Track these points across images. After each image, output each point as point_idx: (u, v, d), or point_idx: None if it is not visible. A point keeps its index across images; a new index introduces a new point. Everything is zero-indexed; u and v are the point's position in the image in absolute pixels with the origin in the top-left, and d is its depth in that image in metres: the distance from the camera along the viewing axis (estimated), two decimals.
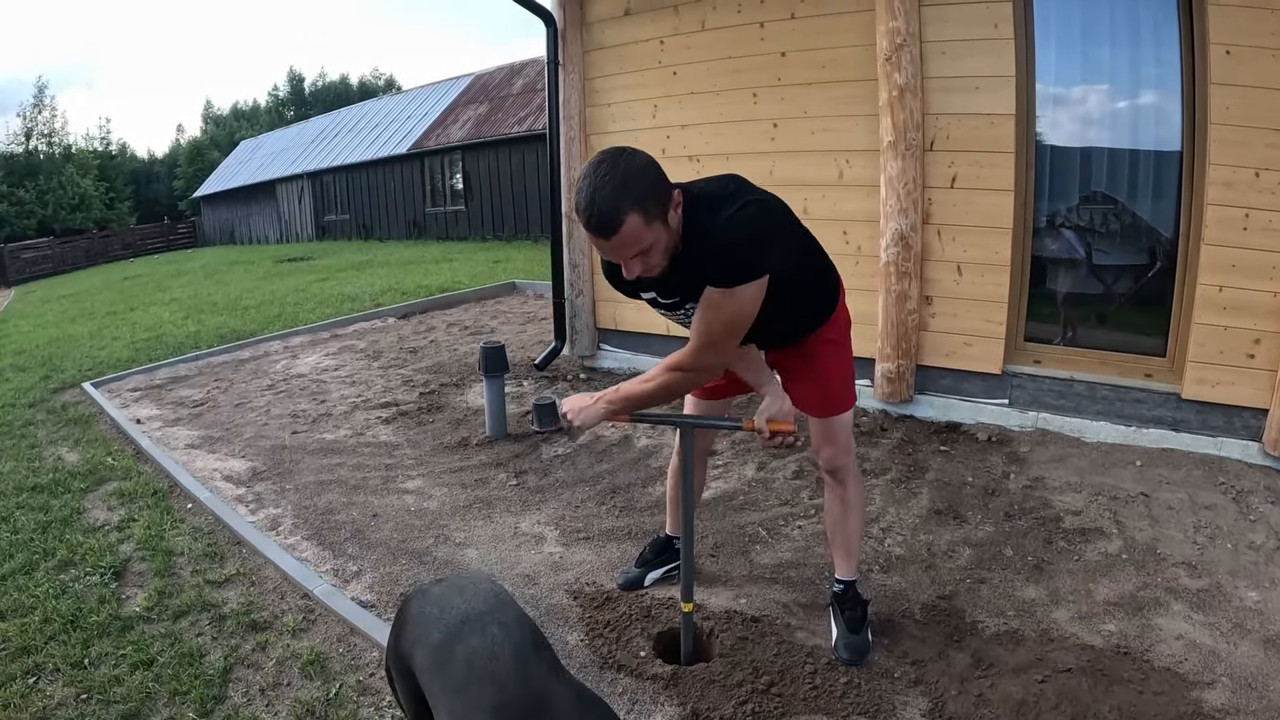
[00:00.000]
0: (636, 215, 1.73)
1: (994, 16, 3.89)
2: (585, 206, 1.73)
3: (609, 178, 1.71)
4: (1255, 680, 2.30)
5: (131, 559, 3.15)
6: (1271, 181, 3.61)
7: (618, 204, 1.70)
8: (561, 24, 5.22)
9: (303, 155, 27.36)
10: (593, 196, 1.71)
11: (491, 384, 4.27)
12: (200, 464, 4.14)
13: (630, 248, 1.77)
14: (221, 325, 8.48)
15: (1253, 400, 3.86)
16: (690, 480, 2.22)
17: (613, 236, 1.74)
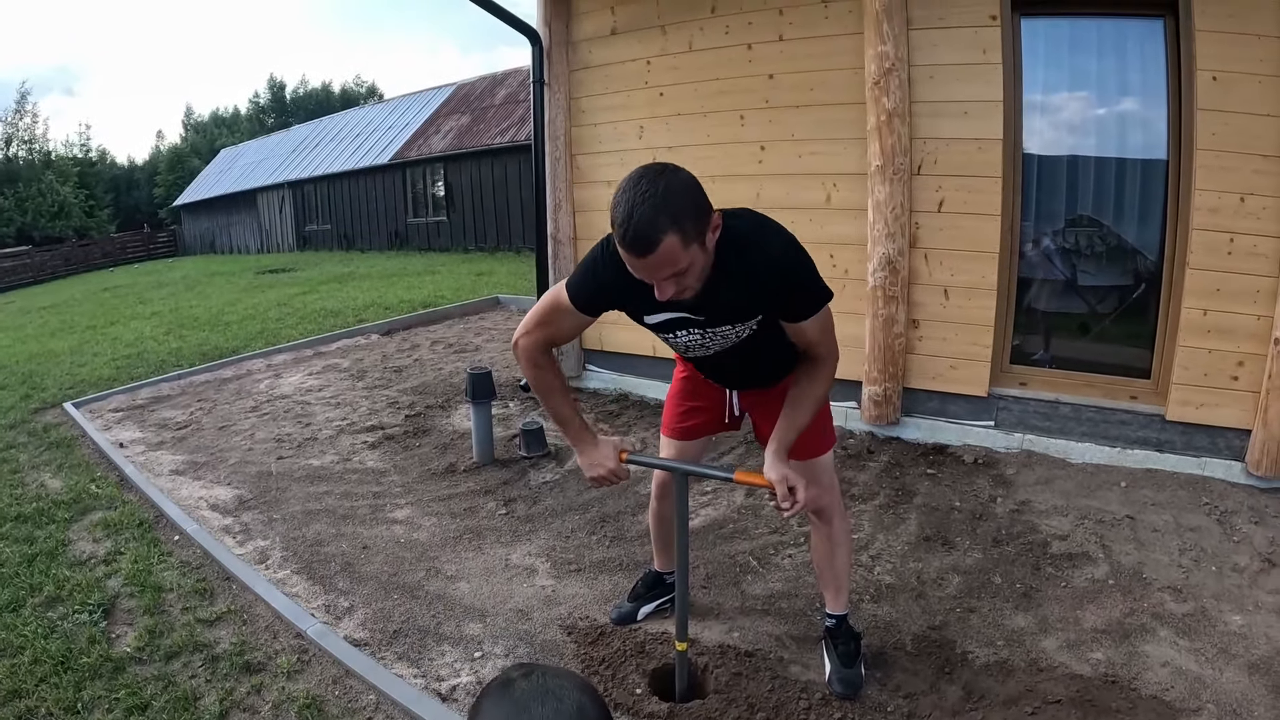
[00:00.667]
0: (674, 235, 1.66)
1: (982, 42, 3.93)
2: (621, 222, 1.65)
3: (649, 195, 1.64)
4: (1240, 706, 2.34)
5: (120, 595, 3.10)
6: (1256, 207, 3.66)
7: (656, 222, 1.64)
8: (547, 43, 5.20)
9: (284, 164, 27.21)
10: (630, 212, 1.64)
11: (479, 410, 4.25)
12: (185, 492, 4.10)
13: (665, 269, 1.70)
14: (203, 342, 8.41)
15: (1236, 421, 3.92)
16: (685, 527, 2.19)
17: (648, 255, 1.67)
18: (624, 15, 4.91)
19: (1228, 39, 3.59)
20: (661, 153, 4.89)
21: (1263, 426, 3.81)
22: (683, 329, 2.02)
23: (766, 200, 4.55)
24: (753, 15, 4.44)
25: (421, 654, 2.67)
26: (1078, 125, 4.22)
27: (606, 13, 4.98)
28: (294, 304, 11.06)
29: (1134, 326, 4.30)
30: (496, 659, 2.61)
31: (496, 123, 19.92)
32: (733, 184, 4.64)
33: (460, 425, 4.97)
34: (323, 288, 12.95)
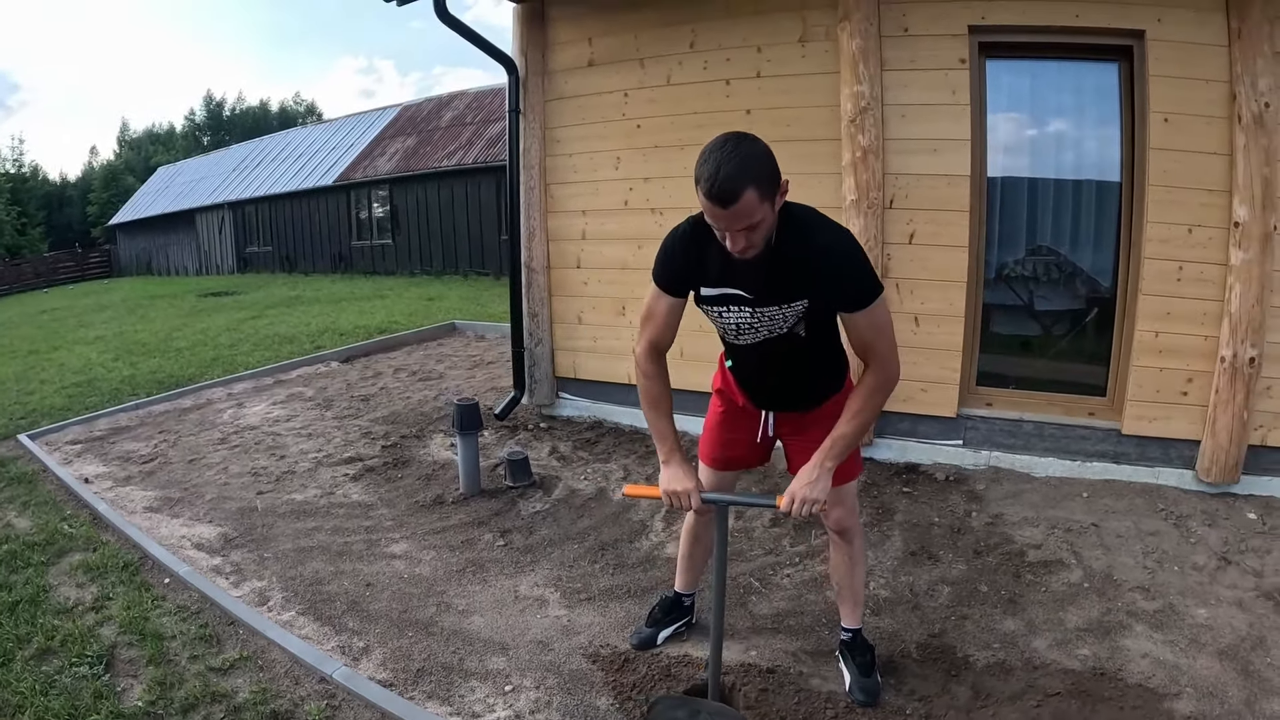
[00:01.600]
0: (753, 190, 1.85)
1: (952, 83, 4.16)
2: (709, 176, 1.84)
3: (733, 153, 1.85)
4: (1215, 689, 2.60)
5: (117, 645, 2.99)
6: (1203, 237, 3.97)
7: (740, 176, 1.83)
8: (523, 72, 5.23)
9: (223, 184, 26.56)
10: (718, 167, 1.83)
11: (466, 441, 4.25)
12: (166, 531, 4.01)
13: (743, 219, 1.89)
14: (157, 369, 8.18)
15: (1187, 433, 4.21)
16: (724, 560, 2.28)
17: (731, 206, 1.86)
18: (602, 47, 5.00)
19: (1179, 83, 3.90)
20: (638, 184, 5.00)
21: (1211, 437, 4.10)
22: (734, 305, 2.18)
23: None
24: (731, 52, 4.58)
25: (450, 691, 2.67)
26: (1038, 161, 4.49)
27: (584, 44, 5.06)
28: (244, 329, 10.82)
29: (1091, 348, 4.57)
30: (528, 692, 2.64)
31: (443, 145, 19.84)
32: None
33: (439, 455, 4.97)
34: (270, 312, 12.69)
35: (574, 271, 5.38)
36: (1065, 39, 4.10)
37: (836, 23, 4.25)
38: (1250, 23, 3.77)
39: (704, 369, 5.07)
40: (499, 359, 8.05)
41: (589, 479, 4.51)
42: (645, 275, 4.89)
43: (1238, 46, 3.80)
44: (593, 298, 5.34)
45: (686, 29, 4.69)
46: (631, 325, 5.17)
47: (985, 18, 4.10)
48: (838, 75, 4.30)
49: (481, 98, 20.99)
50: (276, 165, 25.09)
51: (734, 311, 2.19)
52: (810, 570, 3.43)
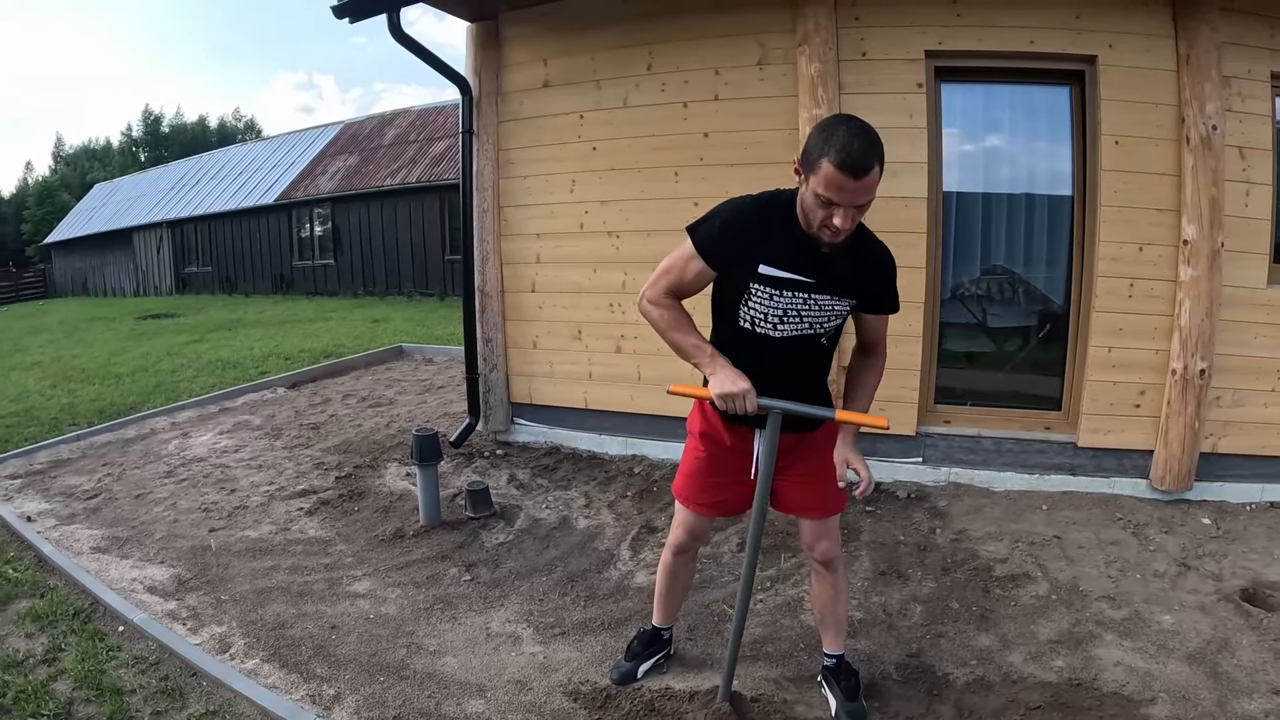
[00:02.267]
0: (878, 168, 1.94)
1: (910, 107, 4.22)
2: (843, 146, 1.88)
3: (861, 129, 1.92)
4: (1187, 692, 2.67)
5: (74, 701, 2.80)
6: (1153, 255, 4.10)
7: (872, 149, 1.91)
8: (477, 92, 5.14)
9: (162, 202, 25.78)
10: (851, 139, 1.89)
11: (426, 472, 4.14)
12: (115, 573, 3.81)
13: (865, 194, 1.95)
14: (97, 397, 7.83)
15: (1140, 444, 4.34)
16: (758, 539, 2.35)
17: (863, 178, 1.90)
18: (557, 69, 4.95)
19: (1130, 107, 4.05)
20: (594, 206, 4.95)
21: (1164, 446, 4.23)
22: (789, 290, 2.17)
23: None
24: (689, 74, 4.58)
25: None
26: (992, 182, 4.58)
27: (539, 65, 5.00)
28: (185, 353, 10.46)
29: (1046, 364, 4.67)
30: None
31: (386, 164, 19.59)
32: (667, 239, 4.58)
33: (395, 485, 4.84)
34: (212, 335, 12.31)
35: (529, 295, 5.29)
36: (1020, 64, 4.21)
37: (795, 46, 4.29)
38: (1199, 49, 3.92)
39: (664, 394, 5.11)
40: (449, 383, 7.91)
41: (551, 507, 4.43)
42: (601, 299, 5.06)
43: (1186, 72, 3.95)
44: (548, 322, 5.26)
45: (644, 51, 4.67)
46: (588, 349, 5.14)
47: (943, 43, 4.18)
48: (796, 99, 4.32)
49: (425, 115, 20.80)
50: (216, 183, 24.47)
51: (787, 296, 2.18)
52: (782, 594, 3.42)
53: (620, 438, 5.20)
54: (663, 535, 4.00)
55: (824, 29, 4.18)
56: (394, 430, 6.05)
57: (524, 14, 4.99)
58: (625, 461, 5.08)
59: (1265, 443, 4.29)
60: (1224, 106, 3.95)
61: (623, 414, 5.15)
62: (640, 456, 5.11)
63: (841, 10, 4.23)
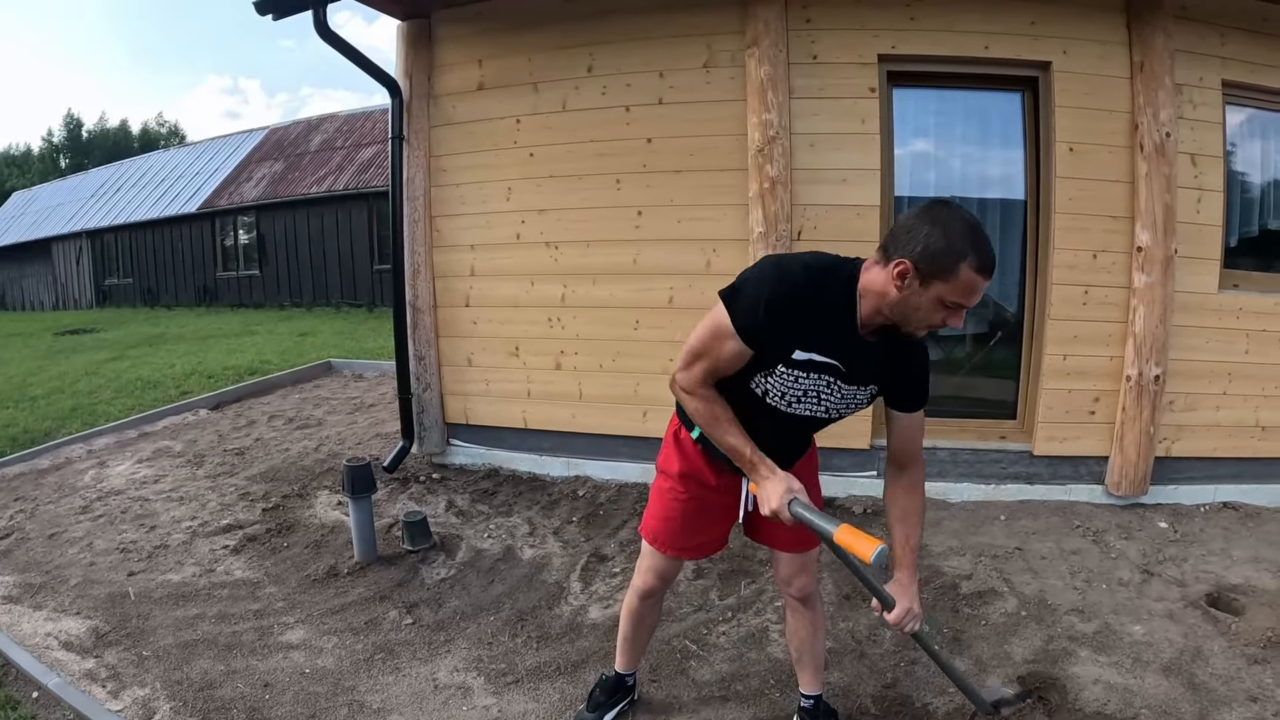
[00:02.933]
0: None
1: (861, 113, 4.11)
2: (986, 251, 1.72)
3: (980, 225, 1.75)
4: (1168, 707, 2.63)
5: None
6: (1107, 262, 4.07)
7: None
8: (408, 95, 4.84)
9: (81, 211, 24.36)
10: (982, 236, 1.72)
11: (359, 505, 3.84)
12: (28, 627, 3.40)
13: (979, 294, 1.77)
14: (10, 422, 7.20)
15: (1095, 450, 4.33)
16: None
17: (990, 278, 1.75)
18: (493, 70, 4.70)
19: (1084, 114, 4.02)
20: (531, 215, 4.72)
21: (1119, 452, 4.22)
22: (817, 373, 1.93)
23: (644, 265, 4.50)
24: (631, 77, 4.39)
25: None
26: (944, 190, 4.49)
27: (473, 66, 4.73)
28: (105, 372, 9.81)
29: (1000, 373, 4.62)
30: None
31: (312, 170, 18.95)
32: (609, 249, 4.56)
33: (327, 516, 4.53)
34: (133, 352, 11.62)
35: (463, 310, 5.01)
36: (973, 69, 4.15)
37: (744, 49, 4.14)
38: (1153, 56, 3.92)
39: (609, 410, 5.00)
40: (380, 400, 7.58)
41: (494, 536, 4.18)
42: (539, 313, 4.81)
43: (1140, 79, 3.95)
44: (483, 338, 4.99)
45: (584, 52, 4.46)
46: (526, 366, 4.90)
47: (896, 47, 4.09)
48: (744, 103, 4.18)
49: (352, 121, 20.22)
50: (138, 191, 23.28)
51: (813, 379, 1.93)
52: (745, 625, 3.25)
53: (562, 458, 4.98)
54: (613, 564, 3.82)
55: (774, 31, 4.04)
56: (324, 454, 5.71)
57: (458, 12, 4.72)
58: (568, 483, 4.86)
59: (1217, 445, 4.33)
60: (1177, 114, 3.97)
61: (564, 433, 4.93)
62: (584, 477, 4.90)
63: (792, 12, 4.10)
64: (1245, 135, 4.40)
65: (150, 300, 21.70)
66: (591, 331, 4.69)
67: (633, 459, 4.74)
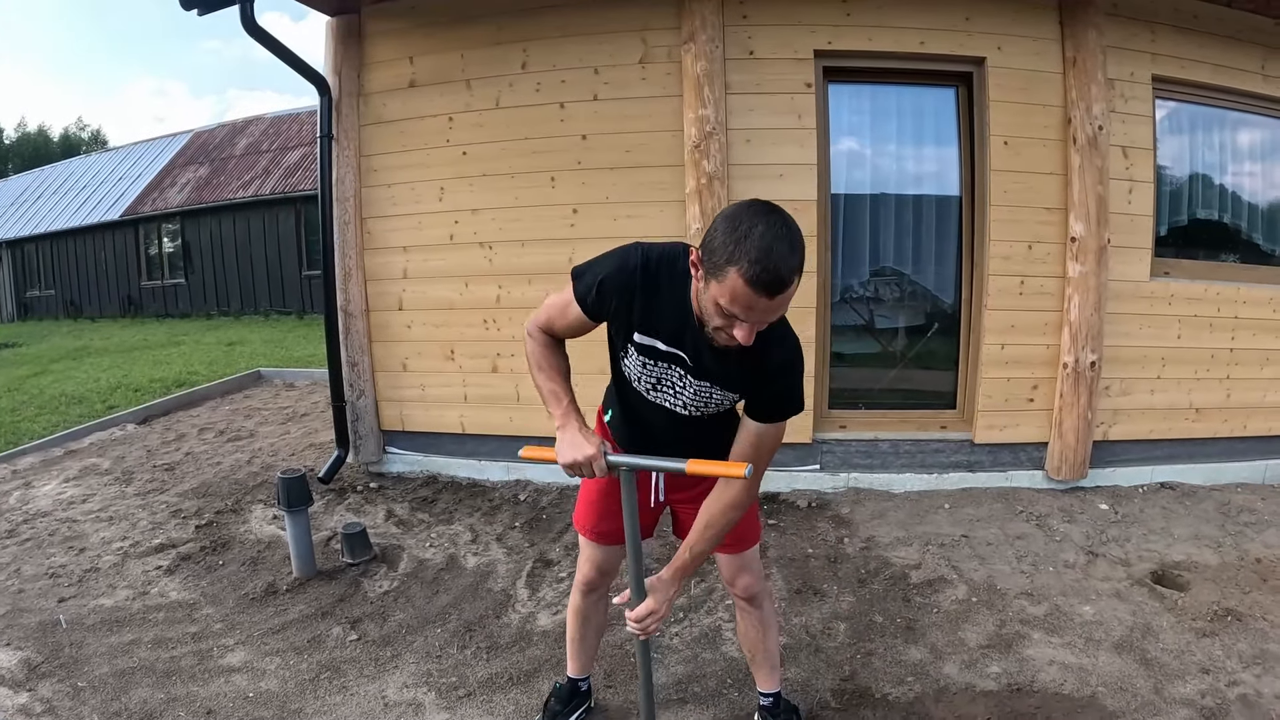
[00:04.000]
0: (797, 280, 1.56)
1: (798, 108, 4.11)
2: (760, 258, 1.50)
3: (784, 233, 1.53)
4: (1124, 683, 2.70)
5: None
6: (1042, 253, 4.16)
7: (791, 263, 1.53)
8: (337, 93, 4.67)
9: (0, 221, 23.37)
10: (770, 247, 1.50)
11: (295, 519, 3.68)
12: None
13: (775, 312, 1.59)
14: None
15: (1035, 436, 4.41)
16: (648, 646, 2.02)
17: (777, 297, 1.54)
18: (424, 67, 4.56)
19: (1018, 108, 4.11)
20: (464, 215, 4.61)
21: (1058, 438, 4.31)
22: (665, 362, 1.87)
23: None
24: (566, 73, 4.31)
25: None
26: (880, 184, 4.53)
27: (404, 63, 4.59)
28: (27, 388, 9.35)
29: (939, 364, 4.68)
30: None
31: (238, 174, 18.38)
32: (543, 248, 4.48)
33: (262, 532, 4.35)
34: (55, 367, 11.11)
35: (396, 314, 4.88)
36: (909, 64, 4.19)
37: (680, 44, 4.11)
38: (1085, 52, 4.01)
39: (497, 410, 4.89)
40: (313, 410, 7.38)
41: (436, 546, 4.07)
42: (475, 316, 4.71)
43: (1073, 74, 4.04)
44: (417, 342, 4.87)
45: (518, 48, 4.37)
46: (462, 370, 4.80)
47: (832, 43, 4.10)
48: (680, 99, 4.15)
49: (279, 123, 19.67)
50: (59, 198, 22.25)
51: (661, 367, 1.89)
52: (697, 625, 3.21)
53: (502, 462, 4.89)
54: (559, 569, 3.75)
55: (710, 26, 4.02)
56: (257, 467, 5.51)
57: (389, 7, 4.59)
58: (509, 488, 4.77)
59: (1152, 427, 4.46)
60: (1109, 108, 4.08)
61: (503, 437, 4.84)
62: (525, 481, 4.82)
63: (729, 7, 4.09)
64: (1175, 128, 4.54)
65: (73, 312, 20.84)
66: None
67: None
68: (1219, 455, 4.60)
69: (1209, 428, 4.55)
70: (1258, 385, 4.58)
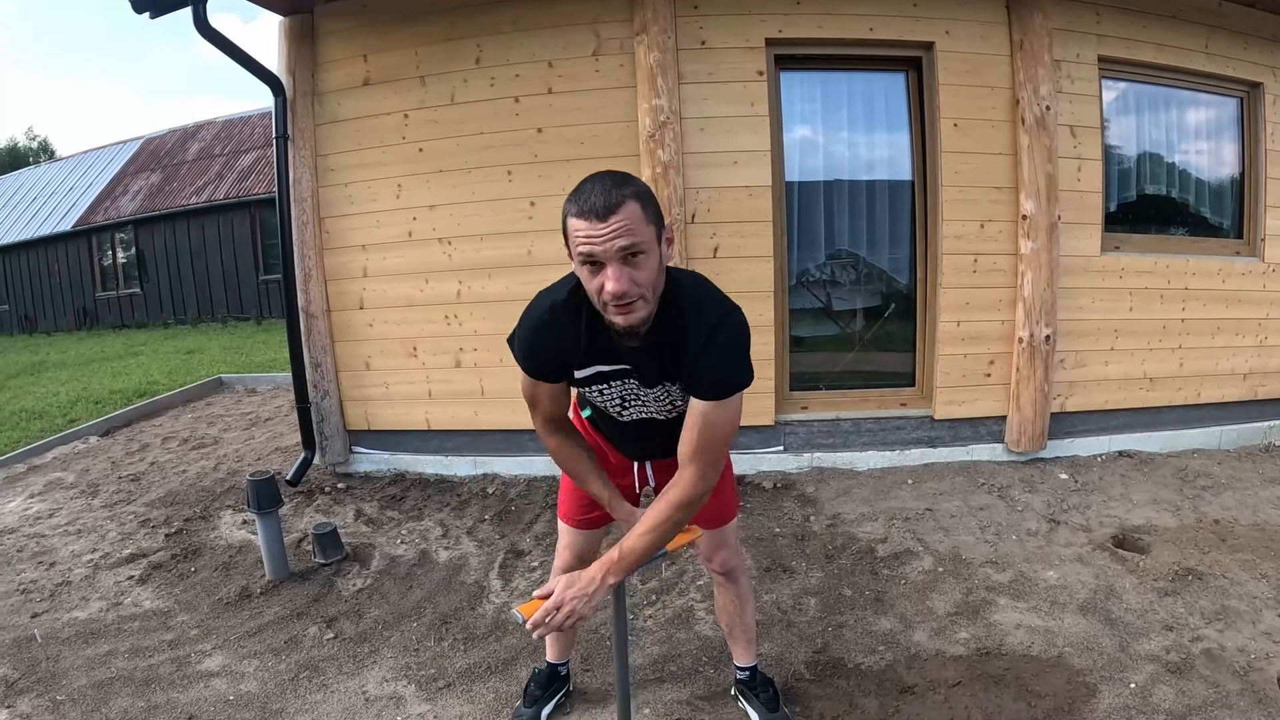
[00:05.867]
0: (635, 203, 1.57)
1: (751, 96, 4.16)
2: (585, 192, 1.57)
3: (612, 174, 1.61)
4: (1090, 643, 2.79)
5: None
6: (994, 231, 4.26)
7: (620, 188, 1.57)
8: (291, 93, 4.63)
9: None
10: (592, 184, 1.58)
11: (266, 521, 3.66)
12: None
13: (625, 236, 1.55)
14: None
15: (993, 410, 4.52)
16: (624, 630, 2.05)
17: (610, 217, 1.54)
18: (378, 65, 4.55)
19: (967, 91, 4.20)
20: (422, 212, 4.61)
21: (1016, 410, 4.42)
22: (617, 380, 1.88)
23: (539, 257, 4.45)
24: (520, 68, 4.33)
25: None
26: (834, 168, 4.60)
27: (358, 61, 4.57)
28: None
29: (897, 343, 4.77)
30: None
31: (191, 180, 18.03)
32: (502, 242, 4.50)
33: (233, 537, 4.33)
34: (13, 383, 10.84)
35: (357, 313, 4.86)
36: (859, 51, 4.26)
37: (632, 36, 4.14)
38: (1032, 35, 4.11)
39: (513, 405, 4.87)
40: (276, 414, 7.32)
41: (407, 542, 4.08)
42: (436, 312, 4.76)
43: (1020, 56, 4.14)
44: (380, 340, 4.86)
45: (471, 44, 4.37)
46: (425, 366, 4.80)
47: (783, 31, 4.16)
48: (634, 90, 4.19)
49: (231, 127, 19.33)
50: (8, 211, 21.58)
51: (617, 385, 1.90)
52: (670, 606, 3.26)
53: (468, 457, 4.90)
54: (531, 558, 3.79)
55: (662, 17, 4.06)
56: (223, 473, 5.46)
57: (342, 6, 4.56)
58: (477, 482, 4.79)
59: (1108, 398, 4.59)
60: (1056, 88, 4.18)
61: (469, 431, 4.86)
62: (492, 475, 4.84)
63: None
64: (1121, 107, 4.66)
65: (28, 327, 20.31)
66: (490, 327, 4.61)
67: (541, 452, 4.68)
68: (1175, 423, 4.75)
69: (1164, 396, 4.70)
70: (1209, 354, 4.74)
